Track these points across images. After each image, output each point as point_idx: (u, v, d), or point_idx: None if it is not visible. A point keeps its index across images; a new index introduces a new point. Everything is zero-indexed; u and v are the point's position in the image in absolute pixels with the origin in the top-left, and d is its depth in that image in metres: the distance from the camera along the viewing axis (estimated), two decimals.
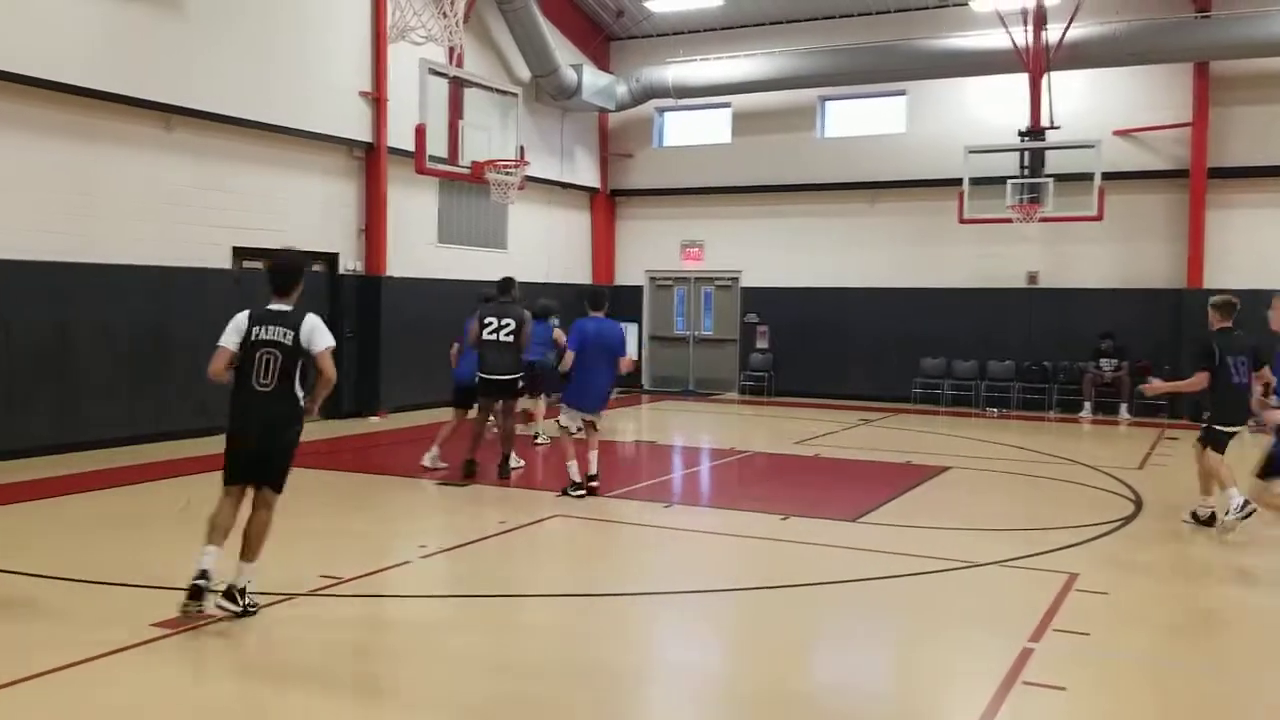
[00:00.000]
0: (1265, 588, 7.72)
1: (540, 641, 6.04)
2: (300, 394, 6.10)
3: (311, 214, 15.33)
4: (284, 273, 6.26)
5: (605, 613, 6.67)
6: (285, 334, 6.04)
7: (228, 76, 13.70)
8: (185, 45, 13.19)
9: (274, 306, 6.15)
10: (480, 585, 7.37)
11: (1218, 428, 8.86)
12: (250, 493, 6.15)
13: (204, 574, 5.90)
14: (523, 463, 11.23)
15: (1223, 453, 8.82)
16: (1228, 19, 16.66)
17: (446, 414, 11.66)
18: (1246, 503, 8.37)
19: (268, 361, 6.03)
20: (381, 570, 7.36)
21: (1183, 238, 17.51)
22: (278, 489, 6.17)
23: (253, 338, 6.05)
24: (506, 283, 11.11)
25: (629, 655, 5.97)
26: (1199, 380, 8.85)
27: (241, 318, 6.12)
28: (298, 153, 15.02)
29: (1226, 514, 8.60)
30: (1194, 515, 9.11)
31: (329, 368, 6.09)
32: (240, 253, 14.28)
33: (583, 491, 9.75)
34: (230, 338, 6.08)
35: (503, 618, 6.55)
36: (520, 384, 10.97)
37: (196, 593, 5.87)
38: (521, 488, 10.45)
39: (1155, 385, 9.78)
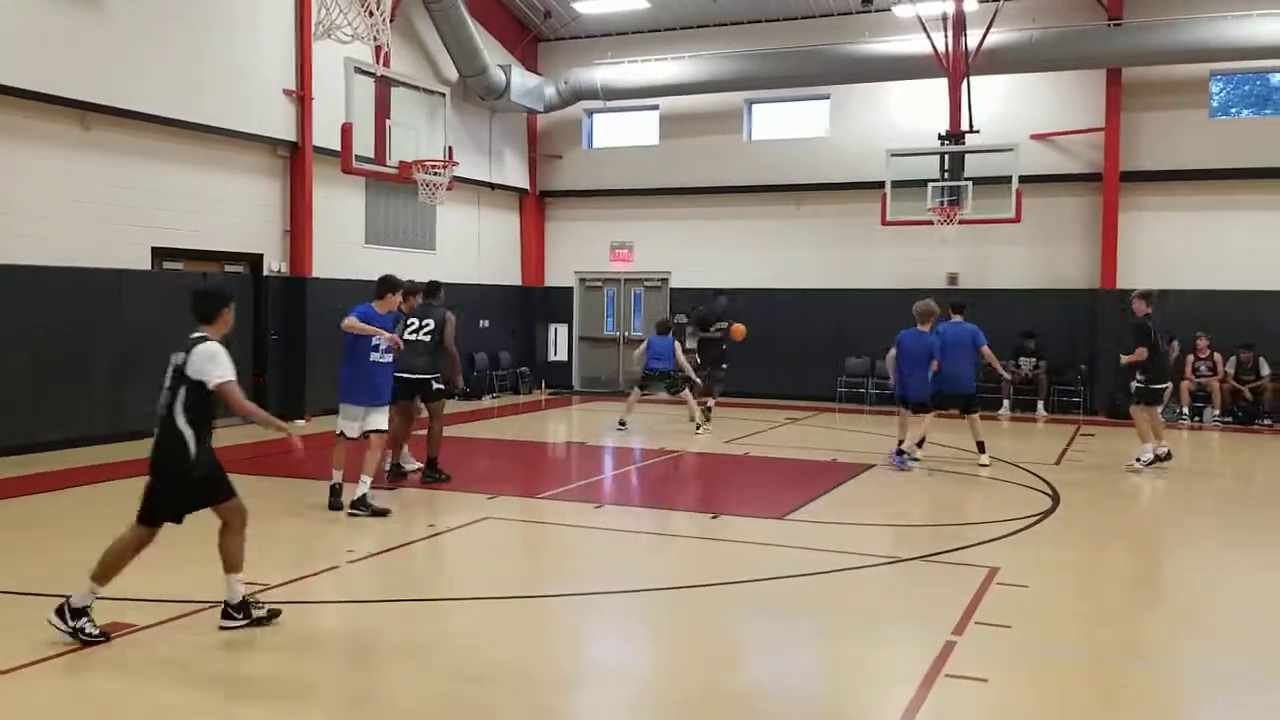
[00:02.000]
0: (1181, 579, 8.00)
1: (472, 645, 6.02)
2: (182, 425, 5.75)
3: (234, 214, 15.07)
4: (198, 298, 6.05)
5: (537, 615, 6.68)
6: (179, 357, 5.84)
7: (147, 74, 13.42)
8: (104, 42, 12.89)
9: (193, 333, 5.95)
10: (410, 589, 7.34)
11: (1155, 386, 11.79)
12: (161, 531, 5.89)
13: (71, 606, 5.68)
14: (449, 475, 10.89)
15: (1159, 404, 11.99)
16: (1138, 27, 17.22)
17: None
18: (1158, 457, 11.68)
19: (165, 387, 5.88)
20: (308, 576, 7.27)
21: (1096, 239, 18.05)
22: (177, 517, 5.88)
23: (170, 363, 5.90)
24: (433, 286, 11.09)
25: (562, 658, 5.99)
26: (1142, 353, 11.65)
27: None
28: (220, 151, 14.75)
29: (1138, 459, 11.78)
30: (1156, 456, 11.76)
31: (231, 401, 5.76)
32: (159, 253, 14.00)
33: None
34: None
35: (433, 622, 6.53)
36: (434, 385, 10.85)
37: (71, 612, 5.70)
38: (450, 490, 10.39)
39: (1126, 358, 12.02)
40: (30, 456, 11.78)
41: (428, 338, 10.61)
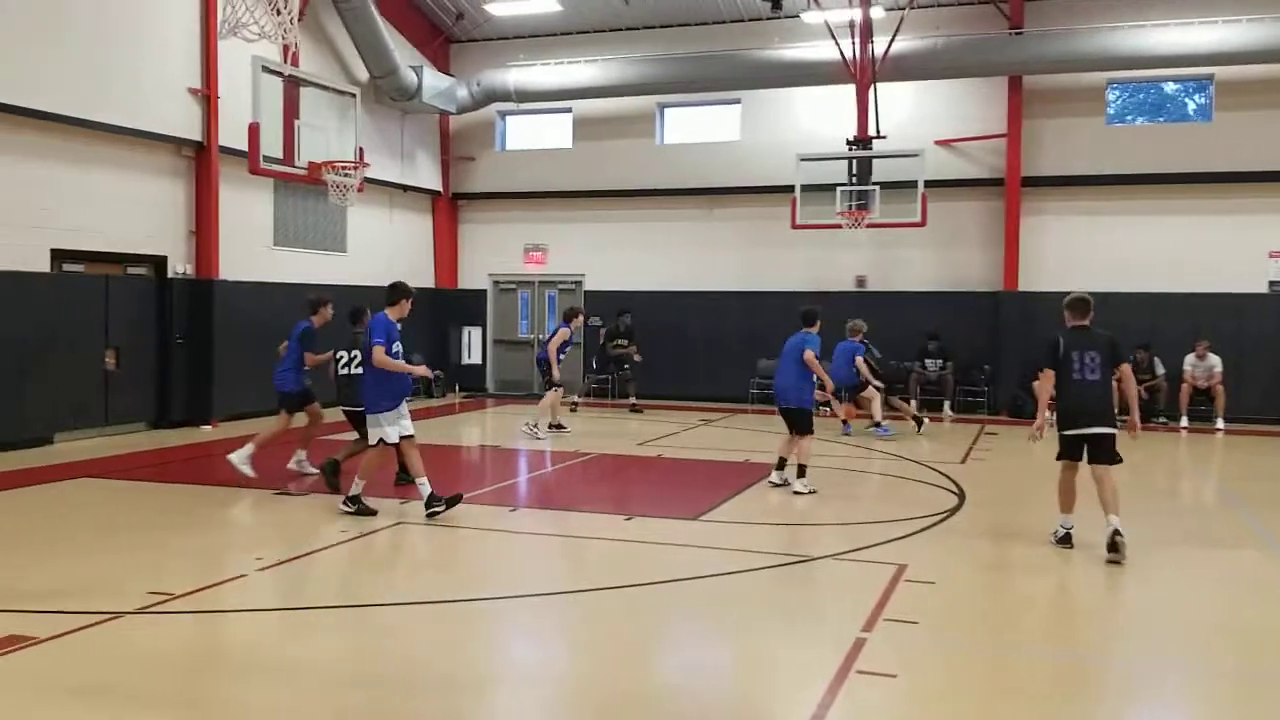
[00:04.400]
0: (1086, 573, 8.27)
1: (386, 651, 5.97)
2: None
3: (136, 215, 14.67)
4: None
5: (451, 620, 6.64)
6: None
7: (48, 73, 13.00)
8: (2, 40, 12.45)
9: None
10: (321, 596, 7.23)
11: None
12: None
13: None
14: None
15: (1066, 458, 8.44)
16: (1038, 36, 17.75)
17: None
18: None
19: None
20: (216, 585, 7.14)
21: (999, 243, 18.55)
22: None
23: None
24: (357, 313, 10.59)
25: (478, 662, 5.97)
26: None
27: None
28: (122, 151, 14.35)
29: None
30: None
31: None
32: (59, 255, 13.58)
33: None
34: None
35: (346, 629, 6.43)
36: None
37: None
38: (363, 496, 10.24)
39: (1037, 425, 8.48)
40: None
41: (360, 370, 10.13)
